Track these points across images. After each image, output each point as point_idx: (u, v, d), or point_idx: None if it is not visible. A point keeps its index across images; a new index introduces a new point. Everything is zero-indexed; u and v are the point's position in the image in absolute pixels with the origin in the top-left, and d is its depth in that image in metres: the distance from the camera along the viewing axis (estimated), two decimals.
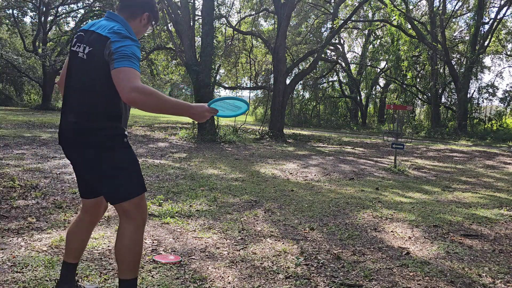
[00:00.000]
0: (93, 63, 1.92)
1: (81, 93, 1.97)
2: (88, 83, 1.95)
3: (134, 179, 2.04)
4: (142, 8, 2.11)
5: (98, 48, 1.90)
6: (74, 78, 2.01)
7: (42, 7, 22.72)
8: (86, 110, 1.96)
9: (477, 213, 4.63)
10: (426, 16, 23.18)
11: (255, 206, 4.58)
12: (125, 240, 2.02)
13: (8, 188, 4.46)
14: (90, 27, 2.03)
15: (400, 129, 8.40)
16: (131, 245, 2.02)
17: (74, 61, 2.02)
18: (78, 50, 1.99)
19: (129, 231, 2.02)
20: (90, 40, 1.96)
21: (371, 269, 2.89)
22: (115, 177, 1.99)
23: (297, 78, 16.70)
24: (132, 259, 2.03)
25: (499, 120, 22.25)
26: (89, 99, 1.95)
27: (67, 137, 2.02)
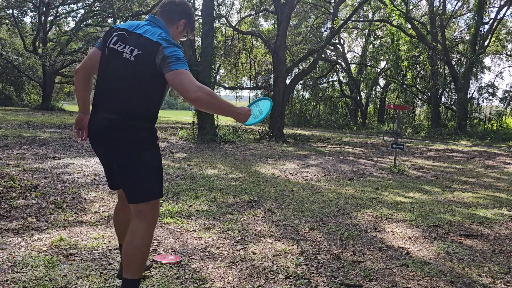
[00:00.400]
0: (141, 65, 1.99)
1: (124, 92, 2.02)
2: (133, 84, 2.01)
3: (158, 182, 2.13)
4: (179, 15, 2.22)
5: (149, 52, 1.98)
6: (116, 77, 2.04)
7: (42, 7, 22.71)
8: (129, 109, 2.01)
9: (477, 213, 4.63)
10: (426, 16, 23.19)
11: (255, 206, 4.58)
12: (135, 239, 2.07)
13: (8, 188, 4.46)
14: (135, 29, 2.10)
15: (400, 129, 8.40)
16: (141, 245, 2.07)
17: (115, 60, 2.05)
18: (124, 50, 2.03)
19: (141, 231, 2.08)
20: (138, 43, 2.02)
21: (371, 269, 2.89)
22: (143, 177, 2.07)
23: (297, 78, 16.70)
24: (140, 259, 2.08)
25: (499, 120, 22.25)
26: (133, 99, 2.01)
27: (102, 133, 2.05)
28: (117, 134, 2.01)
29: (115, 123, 2.00)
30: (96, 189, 4.86)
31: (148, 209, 2.09)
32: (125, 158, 2.04)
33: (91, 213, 3.91)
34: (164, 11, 2.20)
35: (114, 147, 2.04)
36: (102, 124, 2.04)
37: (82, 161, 6.64)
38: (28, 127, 11.69)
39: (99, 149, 2.14)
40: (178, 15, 2.21)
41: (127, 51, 2.02)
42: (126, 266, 2.08)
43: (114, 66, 2.06)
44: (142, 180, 2.06)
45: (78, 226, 3.52)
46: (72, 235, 3.27)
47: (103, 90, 2.09)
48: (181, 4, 2.25)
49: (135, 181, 2.06)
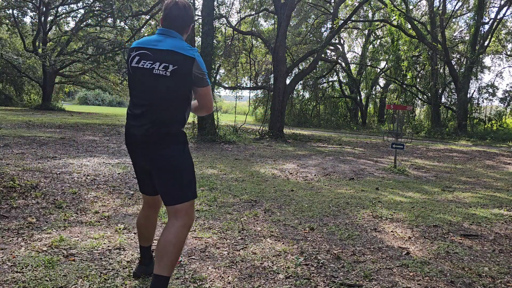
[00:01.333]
0: (178, 79, 2.17)
1: (158, 103, 2.18)
2: (167, 95, 2.18)
3: (193, 183, 2.29)
4: (189, 21, 2.36)
5: (185, 67, 2.16)
6: (149, 90, 2.20)
7: (42, 7, 22.71)
8: (164, 117, 2.19)
9: (477, 213, 4.63)
10: (426, 16, 23.19)
11: (255, 206, 4.58)
12: (169, 235, 2.18)
13: (8, 188, 4.45)
14: (156, 46, 2.21)
15: (400, 129, 8.39)
16: (175, 241, 2.17)
17: (145, 77, 2.19)
18: (154, 67, 2.18)
19: (175, 228, 2.19)
20: (172, 60, 2.16)
21: (371, 269, 2.89)
22: (181, 180, 2.22)
23: (297, 78, 16.69)
24: (172, 256, 2.17)
25: (499, 120, 22.24)
26: (167, 108, 2.19)
27: (142, 141, 2.20)
28: (155, 140, 2.18)
29: (153, 130, 2.17)
30: (96, 189, 4.85)
31: (184, 209, 2.22)
32: (165, 163, 2.20)
33: (91, 213, 3.91)
34: (175, 19, 2.29)
35: (153, 153, 2.20)
36: (140, 133, 2.20)
37: (82, 161, 6.64)
38: (28, 127, 11.69)
39: (138, 157, 2.28)
40: (188, 21, 2.33)
41: (160, 68, 2.16)
42: (158, 261, 2.18)
43: (146, 82, 2.20)
44: (180, 183, 2.21)
45: (78, 226, 3.52)
46: (72, 235, 3.27)
47: (137, 103, 2.24)
48: (188, 9, 2.33)
49: (174, 184, 2.21)
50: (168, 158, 2.19)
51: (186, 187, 2.23)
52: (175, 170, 2.20)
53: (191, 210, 2.26)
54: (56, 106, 25.37)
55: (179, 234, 2.19)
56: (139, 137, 2.20)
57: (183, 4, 2.30)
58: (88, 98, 49.04)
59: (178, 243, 2.18)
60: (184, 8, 2.30)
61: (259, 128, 15.45)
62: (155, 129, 2.16)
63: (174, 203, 2.21)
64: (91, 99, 49.13)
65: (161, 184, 2.23)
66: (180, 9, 2.28)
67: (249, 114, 22.80)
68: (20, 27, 23.62)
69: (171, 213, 2.24)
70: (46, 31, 23.68)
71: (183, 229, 2.21)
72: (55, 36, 25.91)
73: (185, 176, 2.24)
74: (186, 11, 2.31)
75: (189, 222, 2.24)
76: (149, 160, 2.23)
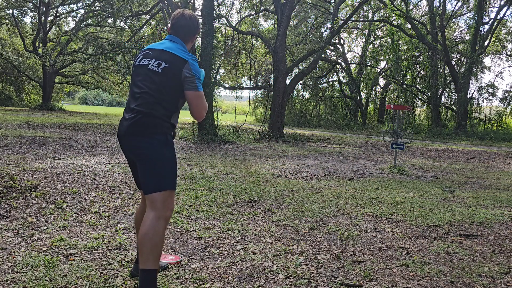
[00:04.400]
0: (167, 76, 2.32)
1: (147, 95, 2.32)
2: (156, 88, 2.32)
3: (173, 175, 2.34)
4: (195, 32, 2.57)
5: (175, 66, 2.33)
6: (142, 84, 2.36)
7: (42, 7, 22.71)
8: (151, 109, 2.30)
9: (477, 213, 4.63)
10: (426, 16, 23.18)
11: (255, 206, 4.58)
12: (145, 228, 2.22)
13: (8, 188, 4.46)
14: (156, 47, 2.45)
15: (400, 129, 8.39)
16: (150, 233, 2.20)
17: (141, 72, 2.39)
18: (149, 63, 2.37)
19: (149, 220, 2.24)
20: (165, 58, 2.36)
21: (371, 269, 2.89)
22: (158, 169, 2.29)
23: (297, 78, 16.69)
24: (150, 248, 2.19)
25: (499, 120, 22.24)
26: (155, 101, 2.31)
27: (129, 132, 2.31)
28: (139, 129, 2.29)
29: (138, 118, 2.28)
30: (96, 189, 4.86)
31: (161, 199, 2.27)
32: (145, 152, 2.28)
33: (91, 213, 3.91)
34: (180, 28, 2.50)
35: (137, 142, 2.30)
36: (128, 123, 2.31)
37: (82, 161, 6.64)
38: (28, 127, 11.69)
39: (126, 149, 2.39)
40: (193, 31, 2.54)
41: (153, 64, 2.36)
42: (140, 255, 2.23)
43: (140, 76, 2.39)
44: (158, 172, 2.28)
45: (78, 226, 3.52)
46: (72, 235, 3.28)
47: (131, 95, 2.40)
48: (194, 20, 2.54)
49: (153, 173, 2.28)
50: (148, 147, 2.27)
51: (165, 176, 2.30)
52: (155, 159, 2.28)
53: (169, 201, 2.31)
54: (56, 106, 25.39)
55: (155, 226, 2.22)
56: (126, 126, 2.32)
57: (189, 15, 2.52)
58: (88, 98, 49.05)
59: (154, 235, 2.20)
60: (190, 19, 2.52)
61: (259, 128, 15.45)
62: (140, 117, 2.28)
63: (151, 191, 2.26)
64: (91, 99, 49.16)
65: (141, 173, 2.31)
66: (186, 20, 2.50)
67: (249, 114, 22.81)
68: (20, 27, 23.62)
69: (148, 203, 2.29)
70: (46, 31, 23.69)
71: (159, 221, 2.24)
72: (55, 36, 25.92)
73: (165, 166, 2.30)
74: (192, 22, 2.52)
75: (165, 213, 2.28)
76: (133, 150, 2.33)
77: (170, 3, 13.03)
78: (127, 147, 2.37)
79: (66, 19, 26.83)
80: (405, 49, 23.24)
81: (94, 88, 30.77)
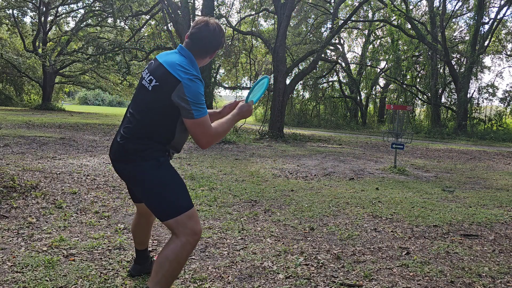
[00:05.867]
0: (157, 98, 2.00)
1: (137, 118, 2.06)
2: (148, 112, 2.04)
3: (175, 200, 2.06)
4: (216, 48, 2.18)
5: (166, 87, 1.97)
6: (135, 103, 2.12)
7: (42, 7, 22.72)
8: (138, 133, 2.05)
9: (477, 213, 4.63)
10: (426, 16, 23.18)
11: (255, 206, 4.58)
12: (167, 249, 2.04)
13: (8, 188, 4.46)
14: (159, 58, 2.13)
15: (400, 129, 8.39)
16: (171, 258, 2.02)
17: (139, 87, 2.15)
18: (145, 77, 2.10)
19: (173, 244, 2.04)
20: (157, 74, 2.03)
21: (371, 269, 2.89)
22: (157, 196, 2.05)
23: (297, 78, 16.70)
24: (166, 271, 2.02)
25: (499, 120, 22.24)
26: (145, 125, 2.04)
27: (116, 157, 2.11)
28: (127, 157, 2.06)
29: (125, 145, 2.06)
30: (96, 189, 4.86)
31: (177, 227, 2.04)
32: (136, 180, 2.07)
33: (91, 213, 3.91)
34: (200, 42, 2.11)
35: (127, 169, 2.09)
36: (115, 148, 2.12)
37: (82, 161, 6.64)
38: (28, 127, 11.69)
39: (117, 167, 2.16)
40: (216, 46, 2.16)
41: (147, 79, 2.08)
42: (153, 274, 2.06)
43: (136, 91, 2.17)
44: (158, 201, 2.05)
45: (78, 226, 3.52)
46: (72, 235, 3.28)
47: (126, 112, 2.21)
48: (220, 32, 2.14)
49: (153, 202, 2.06)
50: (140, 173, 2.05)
51: (172, 201, 2.05)
52: (151, 185, 2.05)
53: (191, 224, 2.05)
54: (56, 106, 25.40)
55: (178, 252, 2.02)
56: (113, 153, 2.12)
57: (213, 27, 2.10)
58: (88, 98, 49.08)
59: (175, 260, 2.02)
60: (214, 31, 2.10)
61: (259, 128, 15.45)
62: (125, 142, 2.06)
63: (164, 219, 2.06)
64: (91, 99, 49.18)
65: (146, 202, 2.12)
66: (209, 31, 2.09)
67: None
68: (20, 27, 23.64)
69: (169, 229, 2.11)
70: (46, 31, 23.70)
71: (184, 247, 2.03)
72: (55, 36, 25.93)
73: (165, 191, 2.05)
74: (216, 35, 2.11)
75: (187, 238, 2.03)
76: (125, 176, 2.14)
77: (170, 3, 13.03)
78: (119, 173, 2.16)
79: (66, 19, 26.85)
80: (405, 49, 23.25)
81: (94, 88, 30.79)
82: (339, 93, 28.69)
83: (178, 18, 12.84)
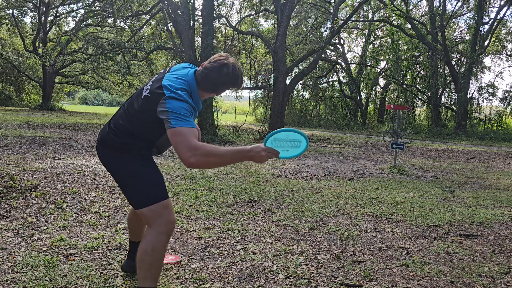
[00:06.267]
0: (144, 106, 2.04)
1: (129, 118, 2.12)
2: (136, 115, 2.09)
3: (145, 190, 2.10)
4: (225, 88, 2.13)
5: (154, 98, 1.98)
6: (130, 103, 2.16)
7: (42, 7, 22.72)
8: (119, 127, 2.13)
9: (477, 213, 4.63)
10: (426, 16, 23.19)
11: (255, 206, 4.58)
12: (143, 243, 2.07)
13: (8, 188, 4.45)
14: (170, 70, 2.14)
15: (400, 129, 8.39)
16: (149, 249, 2.03)
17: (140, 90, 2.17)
18: (148, 82, 2.14)
19: (148, 235, 2.07)
20: (152, 86, 2.04)
21: (371, 269, 2.89)
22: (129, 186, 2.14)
23: (297, 78, 16.71)
24: (147, 265, 2.04)
25: (499, 120, 22.24)
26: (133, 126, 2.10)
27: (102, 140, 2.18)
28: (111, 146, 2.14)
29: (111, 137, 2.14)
30: (96, 189, 4.86)
31: (149, 215, 2.07)
32: (116, 167, 2.15)
33: (91, 213, 3.91)
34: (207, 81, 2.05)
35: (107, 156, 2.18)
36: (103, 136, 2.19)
37: (82, 161, 6.64)
38: (28, 127, 11.69)
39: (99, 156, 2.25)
40: (224, 87, 2.11)
41: (147, 86, 2.11)
42: (138, 272, 2.09)
43: (136, 93, 2.20)
44: (133, 188, 2.12)
45: (78, 226, 3.52)
46: (72, 235, 3.27)
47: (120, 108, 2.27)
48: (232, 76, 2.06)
49: (128, 189, 2.14)
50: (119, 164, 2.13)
51: (142, 193, 2.08)
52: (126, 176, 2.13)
53: (161, 214, 2.05)
54: (56, 106, 25.39)
55: (154, 242, 2.03)
56: (100, 136, 2.21)
57: (228, 71, 2.03)
58: (88, 98, 49.06)
59: (154, 251, 2.02)
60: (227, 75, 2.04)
61: (259, 128, 15.46)
62: (113, 134, 2.12)
63: (136, 208, 2.11)
64: (91, 99, 49.17)
65: (121, 190, 2.20)
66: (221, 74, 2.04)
67: (249, 114, 22.80)
68: (20, 27, 23.63)
69: (143, 219, 2.17)
70: (46, 31, 23.70)
71: (159, 237, 2.03)
72: (55, 36, 25.92)
73: (141, 181, 2.09)
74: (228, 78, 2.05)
75: (164, 228, 2.04)
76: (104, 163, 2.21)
77: (170, 3, 13.04)
78: (101, 158, 2.22)
79: (66, 19, 26.84)
80: (405, 49, 23.25)
81: (94, 88, 30.79)
82: (339, 93, 28.68)
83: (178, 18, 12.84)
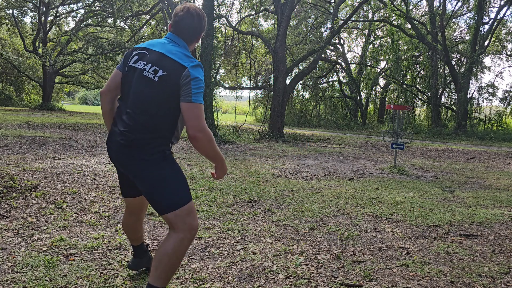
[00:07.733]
0: (165, 86, 2.01)
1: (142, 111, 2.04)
2: (151, 101, 2.04)
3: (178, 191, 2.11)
4: (200, 32, 2.23)
5: (174, 74, 2.00)
6: (136, 93, 2.07)
7: (42, 7, 22.71)
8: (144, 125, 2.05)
9: (477, 213, 4.63)
10: (426, 16, 23.18)
11: (255, 206, 4.58)
12: (166, 245, 2.07)
13: (8, 188, 4.45)
14: (154, 48, 2.12)
15: (400, 129, 8.39)
16: (171, 252, 2.05)
17: (136, 77, 2.08)
18: (145, 68, 2.06)
19: (172, 239, 2.07)
20: (163, 64, 2.03)
21: (371, 269, 2.89)
22: (161, 188, 2.08)
23: (297, 78, 16.70)
24: (166, 266, 2.06)
25: (499, 120, 22.24)
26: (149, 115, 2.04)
27: (118, 148, 2.10)
28: (132, 149, 2.06)
29: (130, 137, 2.05)
30: (96, 189, 4.86)
31: (173, 220, 2.07)
32: (140, 174, 2.07)
33: (91, 213, 3.91)
34: (184, 29, 2.16)
35: (130, 162, 2.09)
36: (119, 139, 2.08)
37: (82, 161, 6.64)
38: (28, 127, 11.69)
39: (117, 165, 2.18)
40: (199, 31, 2.21)
41: (150, 70, 2.05)
42: (153, 270, 2.09)
43: (134, 83, 2.09)
44: (161, 192, 2.07)
45: (78, 226, 3.52)
46: (72, 235, 3.27)
47: (123, 107, 2.13)
48: (201, 18, 2.19)
49: (153, 194, 2.08)
50: (146, 168, 2.06)
51: (167, 198, 2.07)
52: (154, 179, 2.06)
53: (185, 220, 2.07)
54: (56, 106, 25.36)
55: (177, 247, 2.05)
56: (118, 144, 2.09)
57: (196, 13, 2.16)
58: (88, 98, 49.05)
59: (174, 254, 2.05)
60: (197, 17, 2.17)
61: (259, 128, 15.46)
62: (133, 136, 2.04)
63: (162, 213, 2.08)
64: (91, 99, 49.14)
65: (145, 194, 2.13)
66: (192, 18, 2.15)
67: (249, 114, 22.81)
68: (20, 27, 23.62)
69: (168, 225, 2.13)
70: (46, 31, 23.68)
71: (183, 242, 2.07)
72: (55, 36, 25.92)
73: (167, 184, 2.08)
74: (199, 21, 2.17)
75: (185, 234, 2.07)
76: (128, 170, 2.13)
77: (170, 3, 13.04)
78: (118, 163, 2.15)
79: (66, 19, 26.83)
80: (405, 49, 23.25)
81: (94, 88, 30.76)
82: (339, 93, 28.67)
83: None
